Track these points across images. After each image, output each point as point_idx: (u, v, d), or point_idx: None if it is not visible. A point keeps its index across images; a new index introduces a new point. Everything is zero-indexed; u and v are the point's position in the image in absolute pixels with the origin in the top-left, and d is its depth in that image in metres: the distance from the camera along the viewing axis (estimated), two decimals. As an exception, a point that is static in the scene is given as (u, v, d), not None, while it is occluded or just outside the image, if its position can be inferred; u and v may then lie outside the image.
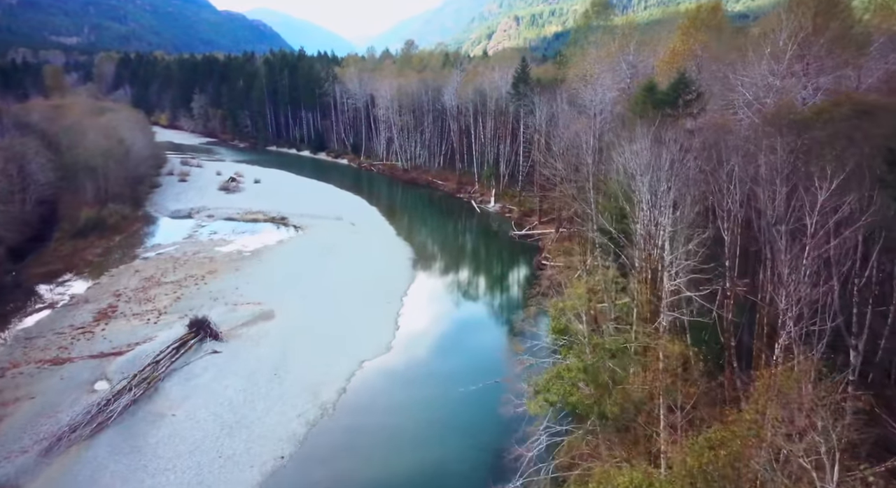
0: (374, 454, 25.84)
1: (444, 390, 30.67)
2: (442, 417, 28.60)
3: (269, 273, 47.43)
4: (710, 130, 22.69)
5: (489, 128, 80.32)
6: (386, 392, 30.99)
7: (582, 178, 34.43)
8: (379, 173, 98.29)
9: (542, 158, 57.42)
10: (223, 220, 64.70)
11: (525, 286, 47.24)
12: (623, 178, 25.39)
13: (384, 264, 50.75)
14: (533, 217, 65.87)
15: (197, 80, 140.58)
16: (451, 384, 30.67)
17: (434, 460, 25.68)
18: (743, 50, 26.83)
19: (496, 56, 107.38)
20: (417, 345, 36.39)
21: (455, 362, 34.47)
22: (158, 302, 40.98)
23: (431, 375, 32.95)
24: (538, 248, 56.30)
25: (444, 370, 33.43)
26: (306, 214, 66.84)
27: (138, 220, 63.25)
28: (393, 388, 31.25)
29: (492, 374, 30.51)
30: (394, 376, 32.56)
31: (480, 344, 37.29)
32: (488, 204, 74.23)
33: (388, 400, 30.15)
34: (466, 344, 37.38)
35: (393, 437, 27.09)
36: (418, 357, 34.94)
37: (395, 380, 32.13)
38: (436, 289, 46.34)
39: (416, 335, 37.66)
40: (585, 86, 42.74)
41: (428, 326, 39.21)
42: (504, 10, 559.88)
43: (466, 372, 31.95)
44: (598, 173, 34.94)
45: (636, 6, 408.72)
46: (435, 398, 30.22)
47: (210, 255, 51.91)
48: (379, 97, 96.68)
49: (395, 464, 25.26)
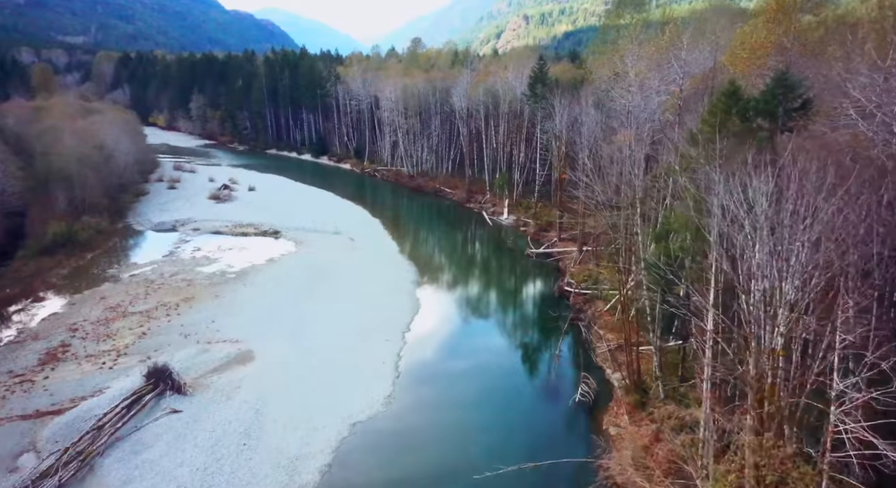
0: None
1: (454, 469, 24.44)
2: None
3: (252, 301, 41.48)
4: (822, 150, 16.39)
5: (502, 132, 74.17)
6: (382, 466, 24.86)
7: (624, 202, 28.11)
8: (383, 179, 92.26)
9: (560, 168, 51.32)
10: (210, 234, 58.87)
11: (549, 320, 41.04)
12: (700, 217, 18.63)
13: (385, 290, 44.66)
14: (551, 232, 59.61)
15: (196, 80, 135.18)
16: (464, 464, 24.39)
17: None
18: (849, 42, 20.69)
19: (509, 54, 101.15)
20: (421, 399, 30.27)
21: (468, 425, 28.19)
22: (119, 339, 35.07)
23: (439, 443, 26.79)
24: (559, 270, 50.07)
25: (454, 438, 27.21)
26: (302, 228, 60.89)
27: (116, 234, 57.50)
28: (391, 462, 25.09)
29: (516, 453, 24.33)
30: (392, 444, 26.40)
31: (498, 401, 30.87)
32: (501, 216, 68.00)
33: (384, 478, 24.03)
34: (481, 399, 30.95)
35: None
36: (422, 417, 28.80)
37: (395, 450, 25.98)
38: (443, 321, 40.12)
39: (420, 384, 31.56)
40: (626, 88, 36.41)
41: (434, 372, 33.08)
42: (513, 9, 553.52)
43: (484, 445, 25.81)
44: (647, 197, 28.59)
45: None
46: (444, 478, 24.05)
47: (189, 278, 46.01)
48: (383, 98, 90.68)
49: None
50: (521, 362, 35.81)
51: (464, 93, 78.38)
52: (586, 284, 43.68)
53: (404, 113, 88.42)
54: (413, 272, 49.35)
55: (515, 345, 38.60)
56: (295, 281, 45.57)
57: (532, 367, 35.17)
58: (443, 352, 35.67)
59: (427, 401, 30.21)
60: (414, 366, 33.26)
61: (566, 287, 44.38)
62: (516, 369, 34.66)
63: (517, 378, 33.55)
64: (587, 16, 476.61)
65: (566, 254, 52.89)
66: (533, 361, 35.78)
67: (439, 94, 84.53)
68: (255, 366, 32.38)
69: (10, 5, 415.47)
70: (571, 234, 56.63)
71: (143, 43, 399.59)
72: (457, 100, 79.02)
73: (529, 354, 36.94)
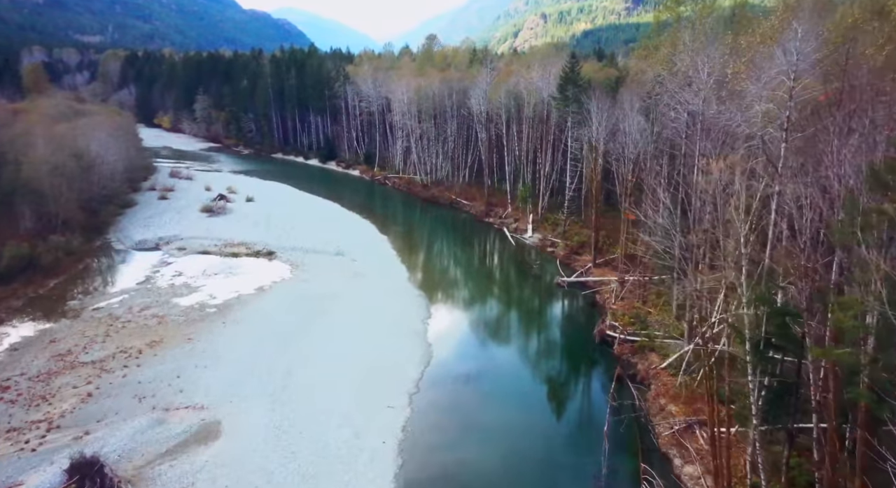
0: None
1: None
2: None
3: (231, 345, 34.45)
4: None
5: (526, 138, 66.56)
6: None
7: (720, 259, 20.27)
8: (394, 188, 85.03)
9: (597, 183, 43.83)
10: (196, 255, 52.03)
11: (590, 377, 33.51)
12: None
13: (390, 330, 37.40)
14: (584, 255, 51.93)
15: (201, 80, 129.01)
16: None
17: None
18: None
19: (533, 52, 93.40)
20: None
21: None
22: (57, 403, 28.17)
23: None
24: (597, 306, 42.39)
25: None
26: (300, 248, 53.86)
27: (90, 255, 50.85)
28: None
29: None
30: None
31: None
32: (524, 233, 60.41)
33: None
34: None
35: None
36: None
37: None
38: (457, 381, 32.57)
39: (428, 478, 24.18)
40: (694, 92, 28.61)
41: (445, 461, 25.56)
42: (530, 7, 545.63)
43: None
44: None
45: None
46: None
47: (162, 313, 39.10)
48: (395, 100, 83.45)
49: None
50: (558, 443, 28.03)
51: (483, 94, 70.97)
52: (634, 329, 35.97)
53: (417, 116, 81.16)
54: (423, 306, 42.01)
55: (548, 417, 30.72)
56: (284, 318, 38.44)
57: (573, 450, 27.44)
58: (458, 427, 28.12)
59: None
60: (421, 448, 25.90)
61: (609, 331, 36.69)
62: (553, 457, 26.75)
63: (555, 471, 25.91)
64: (606, 14, 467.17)
65: (604, 284, 45.20)
66: (573, 442, 28.02)
67: (456, 95, 77.20)
68: (220, 447, 25.24)
69: (30, 5, 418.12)
70: (609, 259, 49.00)
71: (159, 42, 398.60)
72: (475, 102, 71.66)
73: (568, 431, 29.21)
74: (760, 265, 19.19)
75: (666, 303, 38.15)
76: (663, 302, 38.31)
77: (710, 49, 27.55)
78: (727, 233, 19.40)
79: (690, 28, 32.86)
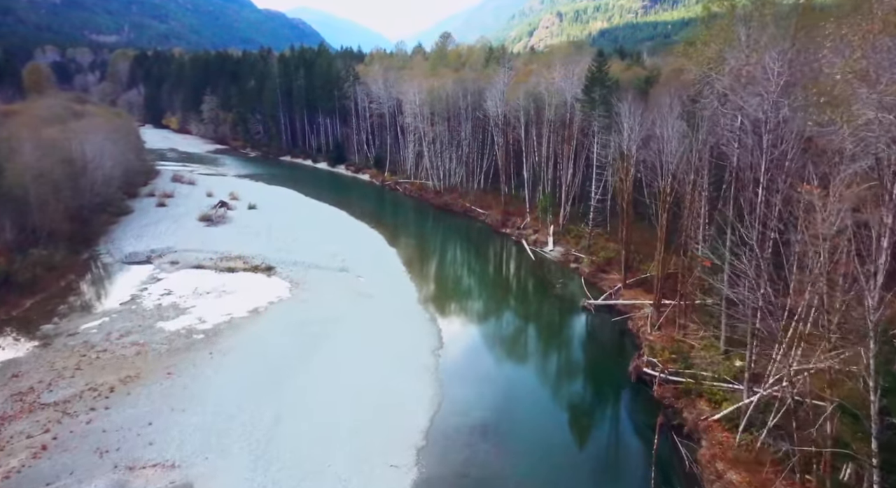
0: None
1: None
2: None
3: (216, 382, 30.29)
4: None
5: (546, 143, 61.85)
6: None
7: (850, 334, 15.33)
8: (405, 194, 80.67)
9: (628, 194, 39.20)
10: (189, 269, 48.04)
11: (628, 425, 28.86)
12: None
13: (396, 365, 33.00)
14: (612, 273, 47.17)
15: (209, 80, 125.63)
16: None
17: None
18: None
19: (554, 50, 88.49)
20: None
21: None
22: (4, 459, 24.11)
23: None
24: (631, 334, 37.65)
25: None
26: (301, 262, 49.68)
27: (75, 270, 47.01)
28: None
29: None
30: None
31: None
32: (545, 246, 55.74)
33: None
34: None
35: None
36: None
37: None
38: (474, 430, 27.94)
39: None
40: (758, 94, 23.74)
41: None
42: (546, 6, 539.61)
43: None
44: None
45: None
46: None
47: (143, 340, 35.04)
48: (407, 101, 79.08)
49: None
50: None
51: (500, 96, 66.35)
52: (676, 367, 31.19)
53: (430, 118, 76.71)
54: (434, 334, 37.56)
55: (580, 478, 26.09)
56: (278, 348, 34.22)
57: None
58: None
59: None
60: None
61: (646, 368, 31.96)
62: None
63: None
64: (623, 12, 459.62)
65: (636, 308, 40.43)
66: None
67: (471, 96, 72.67)
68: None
69: (47, 5, 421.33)
70: (641, 279, 44.22)
71: (174, 42, 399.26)
72: (491, 104, 67.07)
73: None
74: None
75: (713, 337, 33.33)
76: (710, 335, 33.48)
77: (783, 44, 22.86)
78: (833, 287, 14.70)
79: (746, 21, 27.99)
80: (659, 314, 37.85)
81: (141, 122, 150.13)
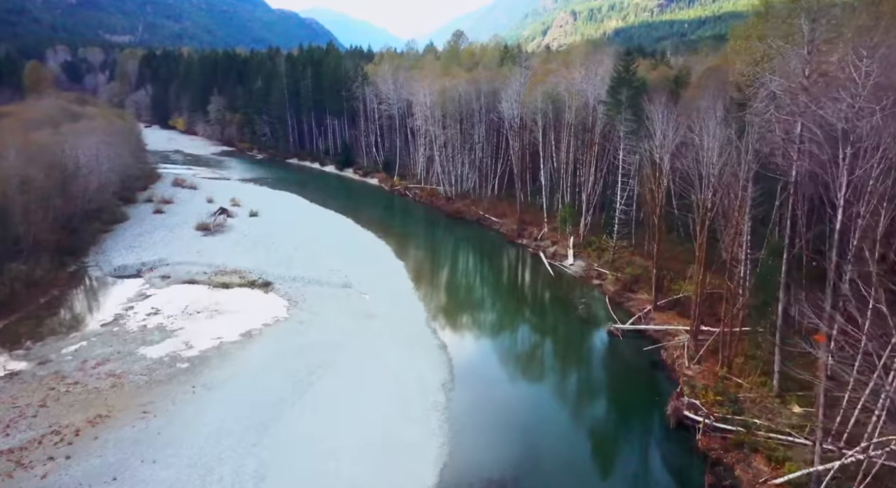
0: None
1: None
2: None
3: (195, 424, 26.63)
4: None
5: (565, 148, 57.76)
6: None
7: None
8: (415, 201, 76.83)
9: (659, 206, 35.18)
10: (181, 284, 44.58)
11: (671, 483, 24.78)
12: None
13: (401, 404, 29.16)
14: (640, 293, 43.02)
15: (216, 80, 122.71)
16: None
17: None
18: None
19: (572, 49, 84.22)
20: None
21: None
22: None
23: None
24: (665, 366, 33.48)
25: None
26: (302, 277, 46.03)
27: (57, 285, 43.65)
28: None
29: None
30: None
31: None
32: (564, 259, 51.65)
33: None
34: None
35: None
36: None
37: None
38: (490, 484, 24.08)
39: None
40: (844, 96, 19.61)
41: None
42: (560, 5, 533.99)
43: None
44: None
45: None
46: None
47: (121, 370, 31.53)
48: (417, 102, 75.27)
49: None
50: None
51: (516, 97, 62.33)
52: (724, 412, 27.00)
53: (442, 121, 72.81)
54: (444, 364, 33.66)
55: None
56: (269, 383, 30.48)
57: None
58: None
59: None
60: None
61: (687, 411, 27.80)
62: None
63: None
64: (638, 11, 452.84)
65: (670, 335, 36.26)
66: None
67: (485, 97, 68.67)
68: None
69: (63, 5, 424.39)
70: (673, 300, 40.04)
71: (187, 41, 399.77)
72: (507, 105, 63.10)
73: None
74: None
75: (762, 374, 29.10)
76: (759, 372, 29.25)
77: (873, 37, 18.72)
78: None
79: (809, 13, 23.76)
80: (697, 344, 33.69)
81: (148, 122, 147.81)
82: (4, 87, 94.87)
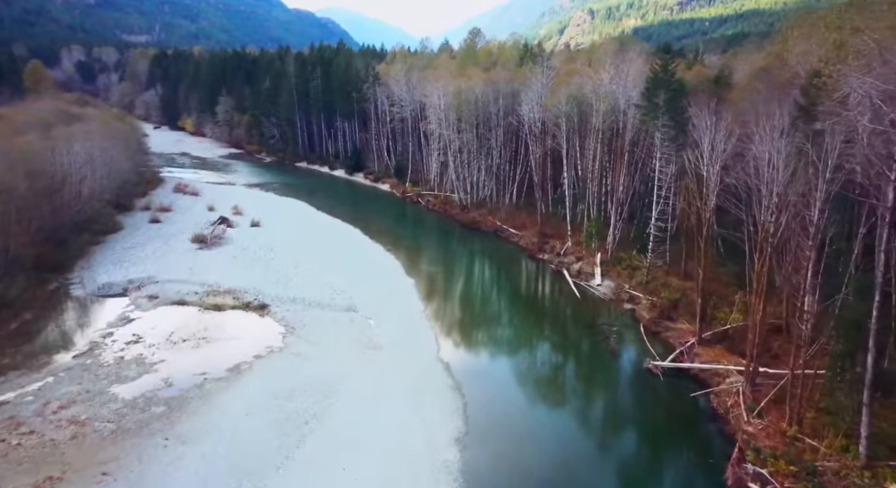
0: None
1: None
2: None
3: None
4: None
5: (592, 155, 52.90)
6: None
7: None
8: (428, 209, 72.36)
9: (707, 227, 30.42)
10: (169, 306, 40.52)
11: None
12: None
13: (406, 463, 24.64)
14: (679, 321, 38.06)
15: (225, 81, 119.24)
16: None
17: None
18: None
19: (597, 47, 79.11)
20: None
21: None
22: None
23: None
24: (716, 414, 28.58)
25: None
26: (302, 299, 41.75)
27: (32, 306, 39.74)
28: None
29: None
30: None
31: None
32: (591, 278, 46.85)
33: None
34: None
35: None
36: None
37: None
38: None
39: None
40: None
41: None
42: (577, 3, 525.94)
43: None
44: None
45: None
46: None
47: (86, 415, 27.40)
48: (430, 104, 70.78)
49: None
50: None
51: (537, 99, 57.56)
52: (799, 486, 22.08)
53: (457, 125, 68.20)
54: (458, 410, 29.09)
55: None
56: (254, 436, 26.11)
57: None
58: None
59: None
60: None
61: (753, 484, 22.91)
62: None
63: None
64: (658, 9, 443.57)
65: (720, 375, 31.32)
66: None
67: (503, 99, 63.95)
68: None
69: (81, 5, 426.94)
70: (720, 332, 35.08)
71: (204, 41, 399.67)
72: (527, 108, 58.37)
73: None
74: None
75: (845, 437, 24.04)
76: (840, 434, 24.21)
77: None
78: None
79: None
80: (754, 390, 28.74)
81: (157, 124, 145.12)
82: (4, 87, 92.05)
